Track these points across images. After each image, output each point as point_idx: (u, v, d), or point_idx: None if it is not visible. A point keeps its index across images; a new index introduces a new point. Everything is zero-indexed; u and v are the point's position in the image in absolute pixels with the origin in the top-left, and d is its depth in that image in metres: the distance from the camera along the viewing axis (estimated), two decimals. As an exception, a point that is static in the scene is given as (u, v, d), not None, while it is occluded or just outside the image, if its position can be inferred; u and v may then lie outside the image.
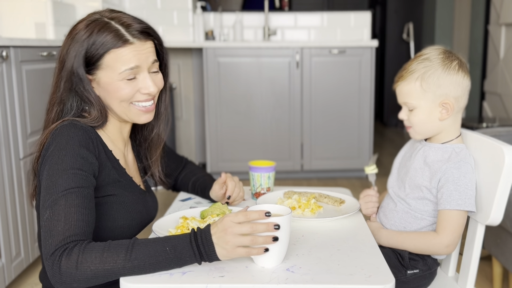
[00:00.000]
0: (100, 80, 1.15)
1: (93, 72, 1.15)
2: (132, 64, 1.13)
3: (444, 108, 1.24)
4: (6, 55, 1.97)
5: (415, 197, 1.29)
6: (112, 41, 1.12)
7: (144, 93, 1.17)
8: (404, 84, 1.27)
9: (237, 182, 1.41)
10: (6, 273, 2.00)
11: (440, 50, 1.26)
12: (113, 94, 1.16)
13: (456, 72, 1.23)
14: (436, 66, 1.23)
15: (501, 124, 3.13)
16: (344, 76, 3.72)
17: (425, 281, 1.33)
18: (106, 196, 1.15)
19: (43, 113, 1.22)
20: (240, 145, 3.76)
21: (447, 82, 1.23)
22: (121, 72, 1.13)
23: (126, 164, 1.26)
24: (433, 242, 1.23)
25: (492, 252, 1.98)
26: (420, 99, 1.25)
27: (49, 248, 0.97)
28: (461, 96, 1.25)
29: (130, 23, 1.15)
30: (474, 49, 4.80)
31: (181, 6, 3.99)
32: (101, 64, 1.13)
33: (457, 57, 1.26)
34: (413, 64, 1.26)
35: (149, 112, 1.21)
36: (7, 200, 2.01)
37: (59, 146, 1.06)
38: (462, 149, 1.26)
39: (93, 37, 1.12)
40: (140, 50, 1.14)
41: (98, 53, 1.12)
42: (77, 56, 1.13)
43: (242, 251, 0.96)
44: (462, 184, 1.20)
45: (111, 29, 1.13)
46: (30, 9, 2.75)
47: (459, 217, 1.21)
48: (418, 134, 1.30)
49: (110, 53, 1.12)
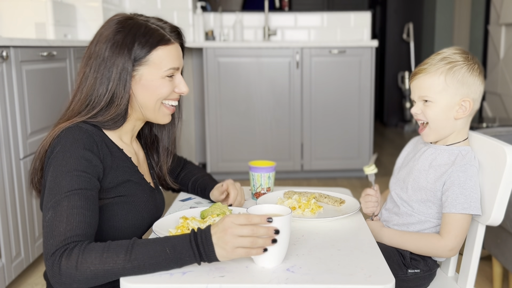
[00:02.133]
0: (141, 77, 1.17)
1: (136, 68, 1.16)
2: (175, 65, 1.20)
3: (462, 106, 1.24)
4: (6, 55, 1.97)
5: (418, 199, 1.29)
6: (158, 38, 1.16)
7: (177, 92, 1.23)
8: (427, 78, 1.25)
9: (239, 190, 1.40)
10: (6, 273, 2.00)
11: (462, 50, 1.28)
12: (153, 91, 1.19)
13: (478, 74, 1.25)
14: (462, 65, 1.24)
15: (501, 124, 3.13)
16: (344, 76, 3.72)
17: (424, 281, 1.33)
18: (116, 197, 1.16)
19: (43, 113, 1.22)
20: (240, 145, 3.76)
21: (470, 82, 1.23)
22: (166, 70, 1.18)
23: (138, 162, 1.28)
24: (436, 245, 1.22)
25: (492, 252, 1.98)
26: (441, 93, 1.24)
27: (49, 248, 0.97)
28: (477, 100, 1.26)
29: (163, 26, 1.20)
30: (474, 49, 4.80)
31: (181, 6, 3.99)
32: (147, 61, 1.16)
33: (477, 61, 1.27)
34: (436, 58, 1.26)
35: (172, 113, 1.27)
36: (7, 200, 2.01)
37: (63, 148, 1.07)
38: (468, 151, 1.25)
39: (140, 33, 1.15)
40: (179, 50, 1.22)
41: (145, 49, 1.15)
42: (126, 48, 1.14)
43: (242, 252, 0.96)
44: (468, 188, 1.20)
45: (153, 28, 1.18)
46: (30, 9, 2.75)
47: (464, 220, 1.21)
48: (433, 131, 1.28)
49: (158, 50, 1.16)
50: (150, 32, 1.16)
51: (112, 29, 1.16)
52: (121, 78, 1.15)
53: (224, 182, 1.41)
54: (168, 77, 1.19)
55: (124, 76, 1.15)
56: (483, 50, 4.46)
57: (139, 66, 1.16)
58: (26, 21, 2.74)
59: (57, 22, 2.85)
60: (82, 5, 3.25)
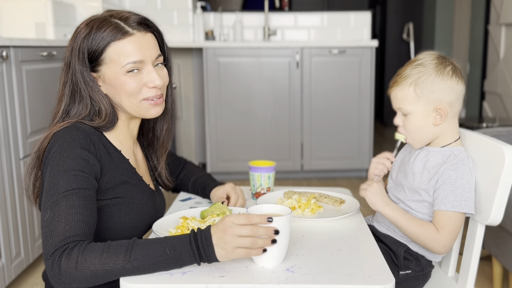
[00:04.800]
0: (105, 76, 1.16)
1: (97, 69, 1.15)
2: (136, 58, 1.13)
3: (438, 113, 1.24)
4: (6, 55, 1.97)
5: (414, 200, 1.29)
6: (111, 33, 1.12)
7: (150, 87, 1.17)
8: (398, 90, 1.26)
9: (240, 193, 1.39)
10: (6, 273, 2.00)
11: (434, 55, 1.26)
12: (120, 89, 1.16)
13: (449, 77, 1.23)
14: (430, 72, 1.23)
15: (501, 124, 3.13)
16: (344, 76, 3.72)
17: (417, 282, 1.32)
18: (113, 199, 1.16)
19: (43, 113, 1.22)
20: (240, 145, 3.76)
21: (440, 87, 1.22)
22: (124, 66, 1.13)
23: (136, 163, 1.27)
24: (433, 236, 1.21)
25: (492, 252, 1.98)
26: (414, 104, 1.24)
27: (49, 248, 0.97)
28: (455, 101, 1.24)
29: (127, 16, 1.16)
30: (474, 49, 4.80)
31: (181, 6, 3.99)
32: (104, 59, 1.14)
33: (451, 62, 1.25)
34: (407, 69, 1.26)
35: (158, 106, 1.20)
36: (7, 200, 2.01)
37: (60, 148, 1.07)
38: (461, 151, 1.26)
39: (92, 33, 1.13)
40: (141, 42, 1.14)
41: (99, 48, 1.13)
42: (80, 54, 1.13)
43: (242, 252, 0.96)
44: (459, 186, 1.20)
45: (110, 23, 1.14)
46: (30, 9, 2.75)
47: (456, 218, 1.20)
48: (416, 142, 1.30)
49: (111, 46, 1.13)
50: (104, 28, 1.13)
51: (75, 33, 1.15)
52: (86, 82, 1.14)
53: (225, 186, 1.40)
54: (131, 72, 1.14)
55: (87, 79, 1.14)
56: (483, 50, 4.46)
57: (100, 66, 1.15)
58: (26, 21, 2.74)
59: (57, 22, 2.85)
60: (82, 5, 3.25)
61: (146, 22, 1.18)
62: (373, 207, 1.27)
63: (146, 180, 1.28)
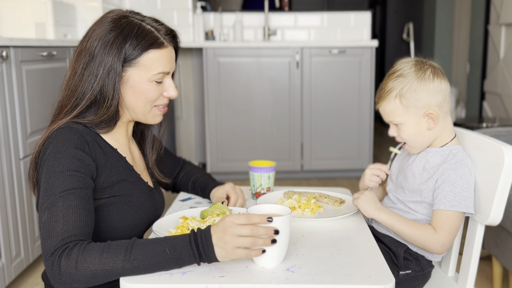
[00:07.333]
0: (129, 78, 1.16)
1: (125, 69, 1.15)
2: (166, 69, 1.18)
3: (430, 117, 1.24)
4: (6, 55, 1.97)
5: (414, 200, 1.29)
6: (151, 41, 1.14)
7: (166, 96, 1.22)
8: (385, 104, 1.27)
9: (240, 193, 1.39)
10: (6, 273, 2.00)
11: (411, 62, 1.26)
12: (141, 94, 1.17)
13: (432, 80, 1.23)
14: (411, 80, 1.22)
15: (501, 124, 3.13)
16: (344, 76, 3.72)
17: (417, 282, 1.32)
18: (111, 197, 1.15)
19: (43, 113, 1.22)
20: (240, 145, 3.76)
21: (425, 93, 1.22)
22: (155, 74, 1.16)
23: (133, 161, 1.27)
24: (431, 236, 1.21)
25: (492, 252, 1.98)
26: (404, 115, 1.25)
27: (48, 248, 0.97)
28: (443, 102, 1.24)
29: (158, 28, 1.18)
30: (474, 49, 4.80)
31: (181, 6, 3.99)
32: (137, 63, 1.15)
33: (429, 64, 1.25)
34: (389, 82, 1.26)
35: (163, 113, 1.26)
36: (7, 200, 2.01)
37: (55, 149, 1.07)
38: (459, 150, 1.26)
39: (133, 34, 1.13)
40: (171, 54, 1.20)
41: (136, 50, 1.14)
42: (116, 49, 1.13)
43: (241, 252, 0.96)
44: (458, 185, 1.20)
45: (147, 29, 1.15)
46: (30, 9, 2.75)
47: (455, 218, 1.20)
48: (414, 148, 1.30)
49: (149, 53, 1.15)
50: (143, 33, 1.14)
51: (104, 27, 1.14)
52: (109, 78, 1.14)
53: (224, 186, 1.40)
54: (157, 81, 1.18)
55: (112, 76, 1.13)
56: (483, 50, 4.46)
57: (129, 67, 1.15)
58: (26, 21, 2.74)
59: (57, 22, 2.85)
60: (82, 5, 3.25)
61: (175, 34, 1.22)
62: (367, 214, 1.28)
63: (144, 178, 1.28)
